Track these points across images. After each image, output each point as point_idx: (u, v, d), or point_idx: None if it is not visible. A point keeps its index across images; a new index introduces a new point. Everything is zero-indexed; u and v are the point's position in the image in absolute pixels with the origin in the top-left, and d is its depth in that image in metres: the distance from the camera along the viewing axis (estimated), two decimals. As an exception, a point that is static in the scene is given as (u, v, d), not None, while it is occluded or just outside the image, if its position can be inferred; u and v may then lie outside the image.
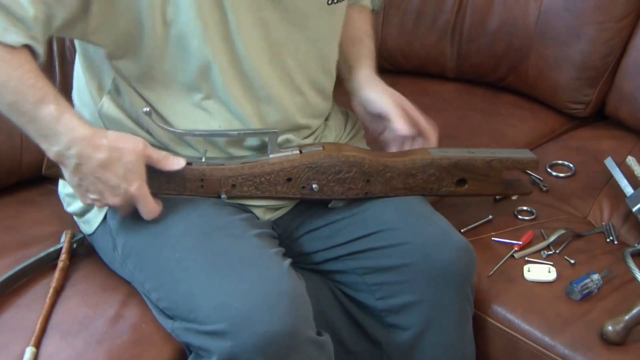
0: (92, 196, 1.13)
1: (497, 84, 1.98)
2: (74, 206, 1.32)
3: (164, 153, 1.17)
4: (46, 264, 1.30)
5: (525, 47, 1.88)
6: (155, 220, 1.19)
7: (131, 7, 1.11)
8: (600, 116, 1.93)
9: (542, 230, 1.49)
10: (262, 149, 1.25)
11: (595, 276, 1.36)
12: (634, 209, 1.49)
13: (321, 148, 1.26)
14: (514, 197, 1.53)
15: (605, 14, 1.80)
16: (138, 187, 1.12)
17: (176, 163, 1.16)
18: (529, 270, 1.40)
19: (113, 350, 1.17)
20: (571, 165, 1.70)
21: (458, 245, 1.28)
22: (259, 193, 1.22)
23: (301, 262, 1.34)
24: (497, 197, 1.54)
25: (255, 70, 1.20)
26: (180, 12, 1.12)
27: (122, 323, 1.21)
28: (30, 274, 1.28)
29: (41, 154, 1.26)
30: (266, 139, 1.23)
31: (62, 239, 1.33)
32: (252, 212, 1.26)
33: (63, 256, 1.30)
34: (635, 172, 1.56)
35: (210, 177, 1.20)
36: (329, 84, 1.33)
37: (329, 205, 1.30)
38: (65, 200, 1.36)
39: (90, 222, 1.29)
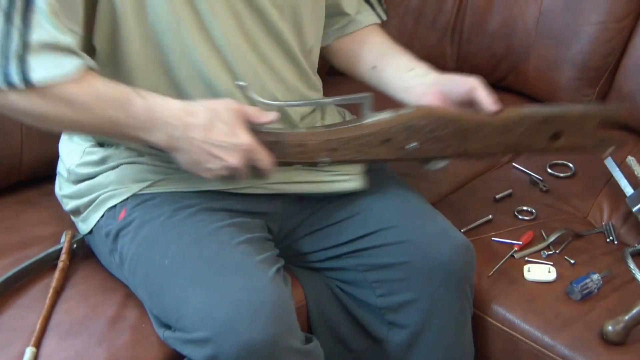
0: (215, 165, 1.12)
1: (497, 84, 1.97)
2: (70, 205, 1.32)
3: (255, 107, 1.17)
4: (46, 265, 1.30)
5: (525, 47, 1.88)
6: (150, 227, 1.19)
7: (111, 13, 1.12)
8: (600, 116, 1.93)
9: (542, 230, 1.49)
10: None
11: (595, 276, 1.36)
12: (634, 209, 1.49)
13: (414, 109, 1.24)
14: (607, 152, 1.40)
15: (605, 14, 1.79)
16: (248, 139, 1.12)
17: (271, 115, 1.16)
18: (529, 270, 1.40)
19: (112, 351, 1.17)
20: (571, 165, 1.70)
21: (457, 243, 1.28)
22: (359, 156, 1.21)
23: (301, 261, 1.34)
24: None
25: (237, 59, 1.19)
26: (154, 10, 1.13)
27: (121, 323, 1.21)
28: (30, 275, 1.28)
29: (41, 154, 1.26)
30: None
31: (62, 240, 1.32)
32: (245, 217, 1.24)
33: (63, 257, 1.29)
34: (635, 172, 1.56)
35: (310, 142, 1.20)
36: (300, 70, 1.31)
37: (426, 167, 1.28)
38: (63, 202, 1.35)
39: (88, 220, 1.29)
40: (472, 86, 1.27)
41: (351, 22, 1.40)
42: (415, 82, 1.33)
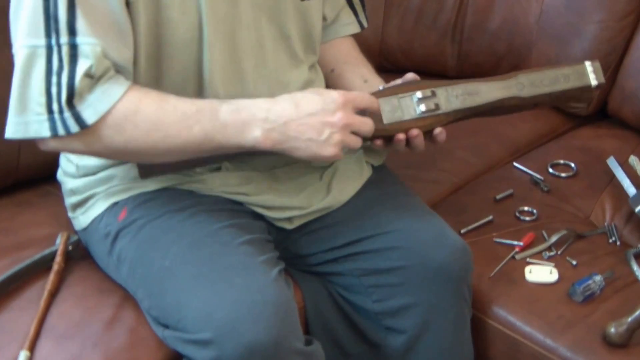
0: (327, 133, 1.10)
1: (498, 83, 1.97)
2: (74, 199, 1.31)
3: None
4: (41, 267, 1.29)
5: (527, 45, 1.88)
6: (151, 228, 1.19)
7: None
8: (602, 115, 1.93)
9: (544, 231, 1.48)
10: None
11: (598, 277, 1.35)
12: (637, 210, 1.49)
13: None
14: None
15: (606, 13, 1.79)
16: (337, 92, 1.12)
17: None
18: (530, 272, 1.39)
19: (108, 354, 1.16)
20: (573, 165, 1.69)
21: (454, 246, 1.27)
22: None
23: (299, 263, 1.33)
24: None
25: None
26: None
27: (117, 326, 1.20)
28: (25, 277, 1.27)
29: (38, 155, 1.25)
30: None
31: (58, 241, 1.32)
32: (246, 218, 1.24)
33: (58, 258, 1.28)
34: (638, 172, 1.56)
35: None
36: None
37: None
38: (66, 196, 1.34)
39: (89, 212, 1.27)
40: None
41: (329, 29, 1.41)
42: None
